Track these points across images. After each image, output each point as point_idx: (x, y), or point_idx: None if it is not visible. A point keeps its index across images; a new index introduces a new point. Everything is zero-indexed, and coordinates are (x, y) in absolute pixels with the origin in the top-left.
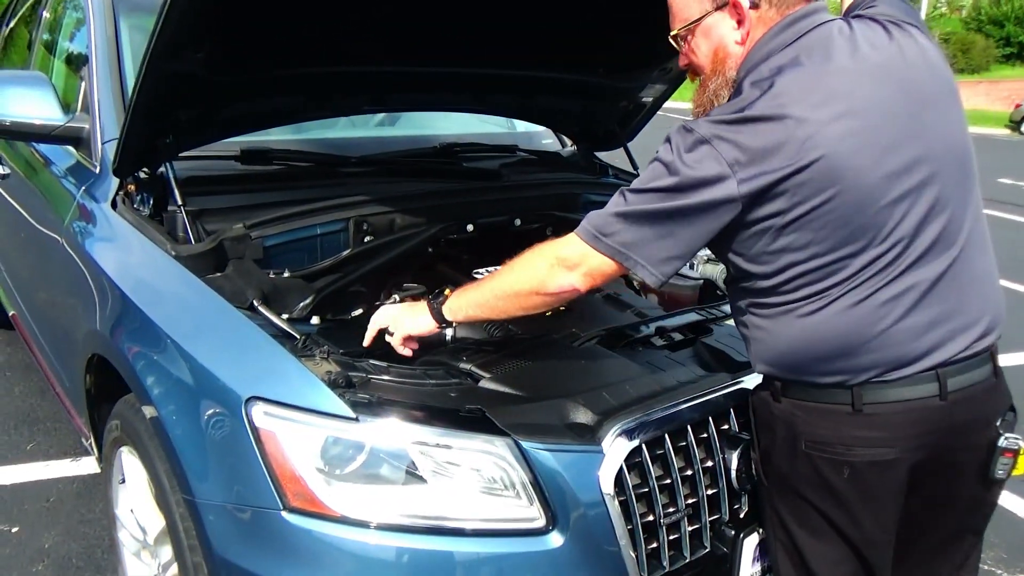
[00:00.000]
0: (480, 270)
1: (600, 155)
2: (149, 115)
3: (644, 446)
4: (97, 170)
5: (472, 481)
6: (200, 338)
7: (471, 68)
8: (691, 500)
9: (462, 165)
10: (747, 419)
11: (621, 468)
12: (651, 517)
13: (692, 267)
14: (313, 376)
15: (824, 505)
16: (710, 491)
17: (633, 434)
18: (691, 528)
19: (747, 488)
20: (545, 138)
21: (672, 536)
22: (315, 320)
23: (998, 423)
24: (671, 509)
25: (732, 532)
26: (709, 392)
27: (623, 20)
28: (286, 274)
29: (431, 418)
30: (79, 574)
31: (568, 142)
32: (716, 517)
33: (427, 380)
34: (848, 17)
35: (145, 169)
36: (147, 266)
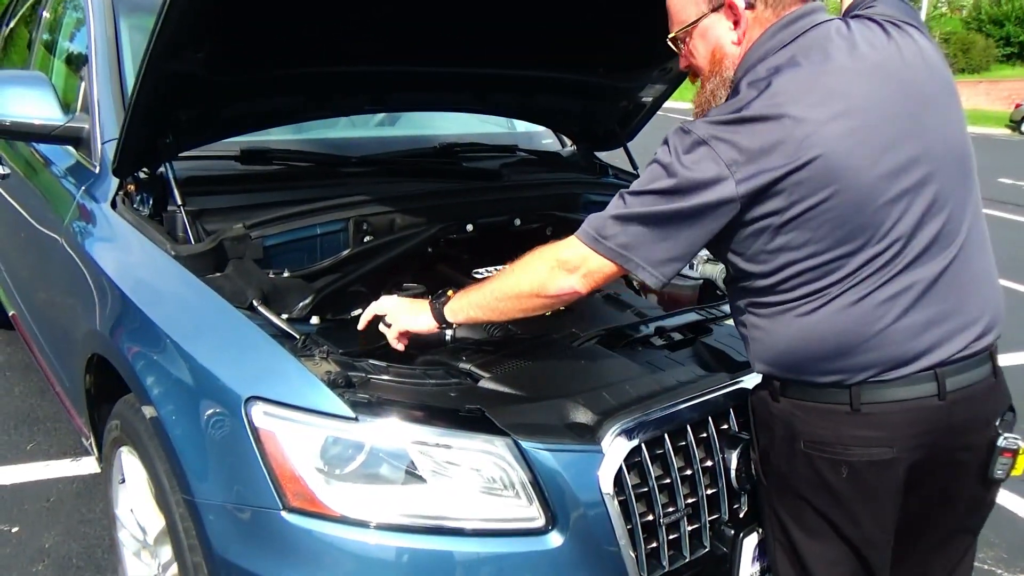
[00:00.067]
0: (480, 270)
1: (600, 155)
2: (149, 115)
3: (644, 446)
4: (97, 170)
5: (472, 481)
6: (200, 338)
7: (471, 68)
8: (691, 500)
9: (462, 165)
10: (746, 419)
11: (621, 468)
12: (651, 517)
13: (692, 267)
14: (313, 376)
15: (822, 505)
16: (710, 491)
17: (633, 434)
18: (691, 528)
19: (746, 488)
20: (545, 138)
21: (672, 536)
22: (315, 320)
23: (997, 423)
24: (671, 509)
25: (732, 532)
26: (708, 392)
27: (623, 20)
28: (286, 274)
29: (431, 418)
30: (79, 574)
31: (568, 142)
32: (716, 517)
33: (427, 380)
34: (846, 17)
35: (145, 169)
36: (147, 266)
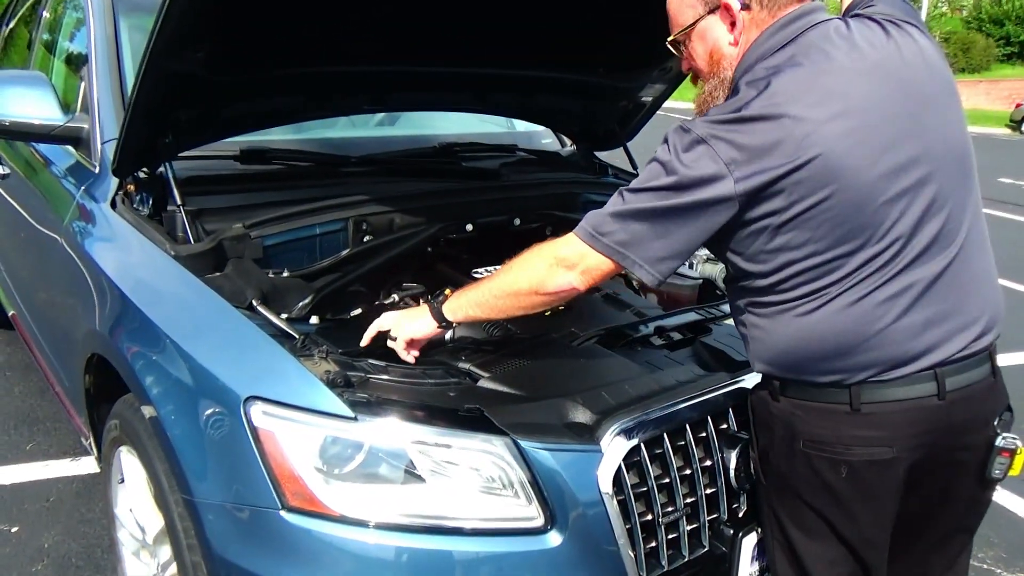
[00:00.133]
0: (479, 270)
1: (600, 155)
2: (148, 115)
3: (643, 445)
4: (96, 170)
5: (471, 480)
6: (199, 338)
7: (471, 68)
8: (690, 499)
9: (461, 165)
10: (746, 418)
11: (620, 467)
12: (649, 516)
13: (691, 267)
14: (312, 376)
15: (822, 504)
16: (709, 490)
17: (632, 433)
18: (690, 527)
19: (745, 487)
20: (545, 138)
21: (671, 535)
22: (314, 320)
23: (995, 423)
24: (670, 508)
25: (731, 531)
26: (708, 392)
27: (623, 20)
28: (285, 274)
29: (430, 417)
30: (79, 573)
31: (568, 142)
32: (715, 516)
33: (426, 379)
34: (846, 17)
35: (144, 169)
36: (146, 266)
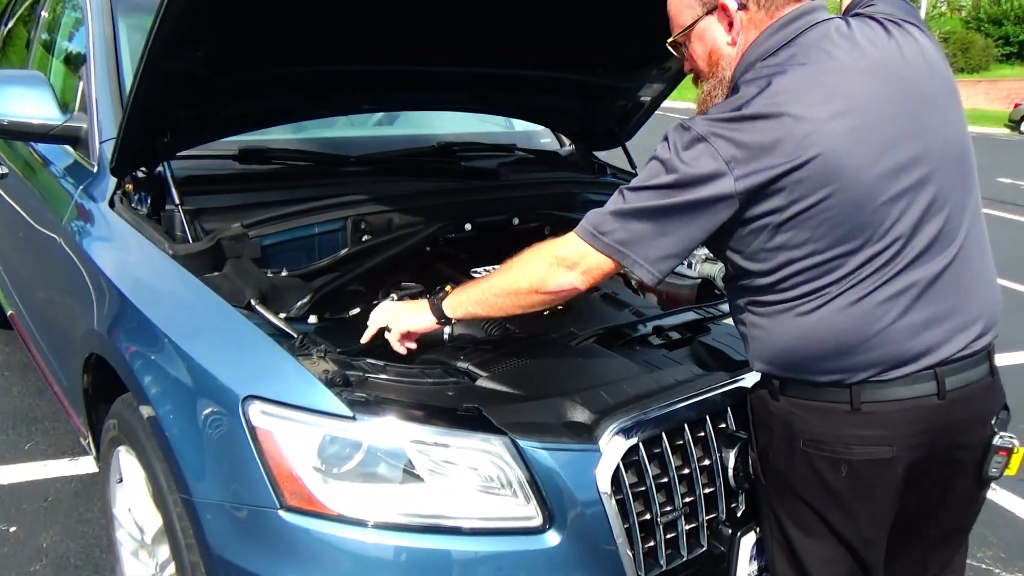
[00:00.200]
0: (478, 269)
1: (599, 154)
2: (147, 114)
3: (641, 445)
4: (95, 169)
5: (469, 480)
6: (197, 337)
7: (470, 67)
8: (688, 499)
9: (460, 164)
10: (745, 418)
11: (618, 467)
12: (648, 516)
13: (690, 266)
14: (310, 375)
15: (821, 504)
16: (707, 490)
17: (630, 433)
18: (688, 527)
19: (744, 487)
20: (543, 137)
21: (669, 535)
22: (313, 319)
23: (993, 422)
24: (668, 508)
25: (729, 531)
26: (706, 391)
27: (622, 20)
28: (284, 273)
29: (428, 417)
30: (77, 573)
31: (566, 141)
32: (713, 516)
33: (424, 379)
34: (847, 16)
35: (143, 168)
36: (145, 265)
